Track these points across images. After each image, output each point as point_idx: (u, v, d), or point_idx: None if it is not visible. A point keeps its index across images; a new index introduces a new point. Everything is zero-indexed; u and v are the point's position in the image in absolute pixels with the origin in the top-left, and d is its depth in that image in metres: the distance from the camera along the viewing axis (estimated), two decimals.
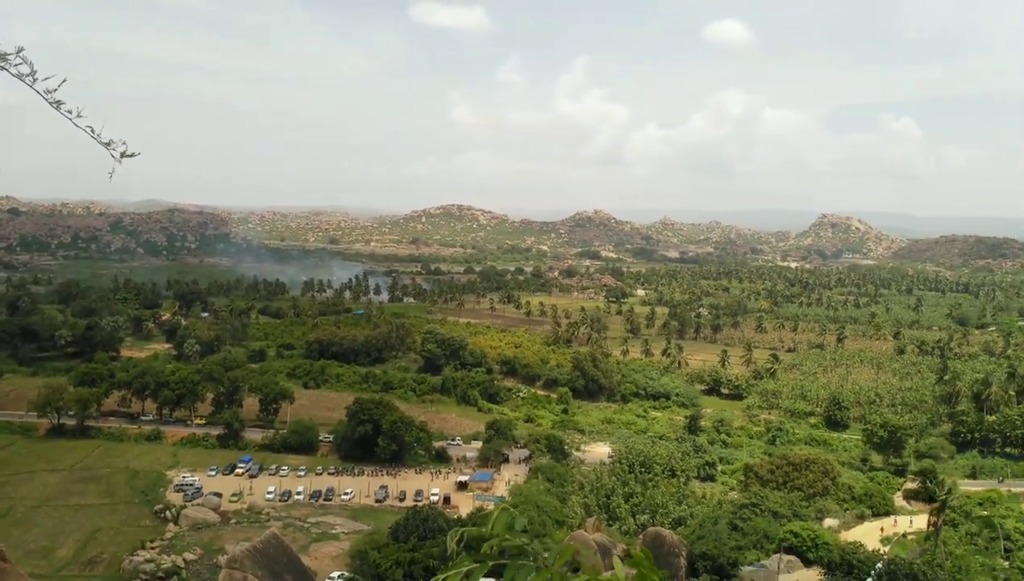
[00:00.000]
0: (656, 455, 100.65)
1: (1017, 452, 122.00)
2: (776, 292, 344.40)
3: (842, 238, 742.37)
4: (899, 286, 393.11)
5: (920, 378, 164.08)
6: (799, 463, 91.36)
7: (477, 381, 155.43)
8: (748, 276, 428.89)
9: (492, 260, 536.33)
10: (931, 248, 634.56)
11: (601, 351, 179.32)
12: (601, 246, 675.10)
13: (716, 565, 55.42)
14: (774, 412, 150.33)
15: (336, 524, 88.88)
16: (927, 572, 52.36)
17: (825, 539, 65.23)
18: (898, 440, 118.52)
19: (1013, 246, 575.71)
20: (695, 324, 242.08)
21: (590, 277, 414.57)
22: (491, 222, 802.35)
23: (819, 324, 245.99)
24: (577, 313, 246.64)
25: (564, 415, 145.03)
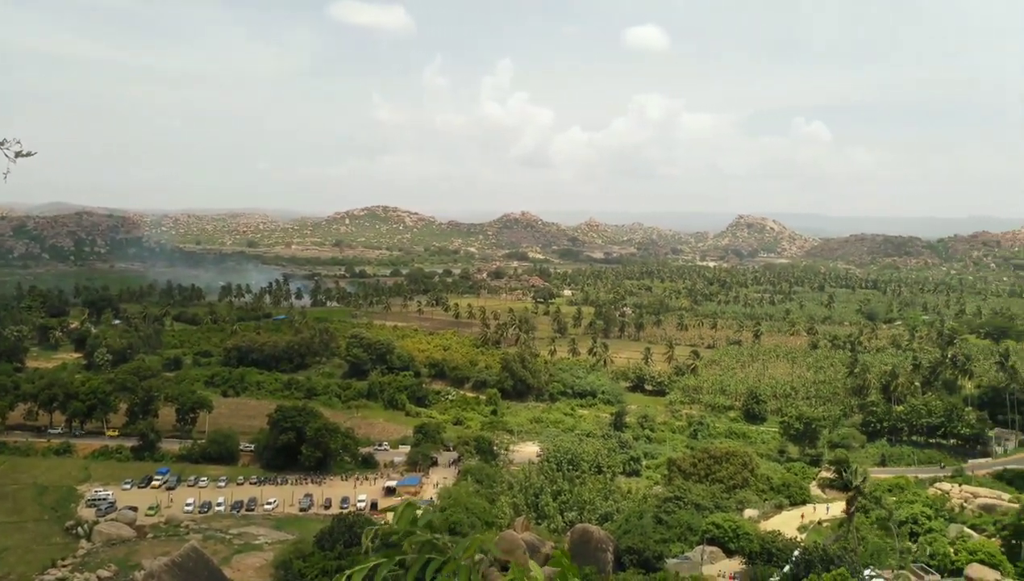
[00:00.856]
0: (583, 452, 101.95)
1: (922, 440, 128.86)
2: (696, 291, 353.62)
3: (758, 238, 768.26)
4: (812, 284, 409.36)
5: (832, 371, 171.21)
6: (720, 456, 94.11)
7: (405, 385, 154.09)
8: (669, 276, 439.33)
9: (419, 262, 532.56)
10: (841, 247, 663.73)
11: (529, 351, 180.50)
12: (528, 247, 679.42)
13: (642, 559, 56.48)
14: (695, 407, 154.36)
15: (259, 534, 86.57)
16: (842, 557, 54.60)
17: (746, 529, 67.35)
18: (813, 431, 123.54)
19: (917, 245, 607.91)
20: (620, 323, 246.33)
21: (518, 278, 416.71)
22: (417, 224, 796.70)
23: (737, 321, 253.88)
24: (506, 314, 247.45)
25: (493, 416, 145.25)
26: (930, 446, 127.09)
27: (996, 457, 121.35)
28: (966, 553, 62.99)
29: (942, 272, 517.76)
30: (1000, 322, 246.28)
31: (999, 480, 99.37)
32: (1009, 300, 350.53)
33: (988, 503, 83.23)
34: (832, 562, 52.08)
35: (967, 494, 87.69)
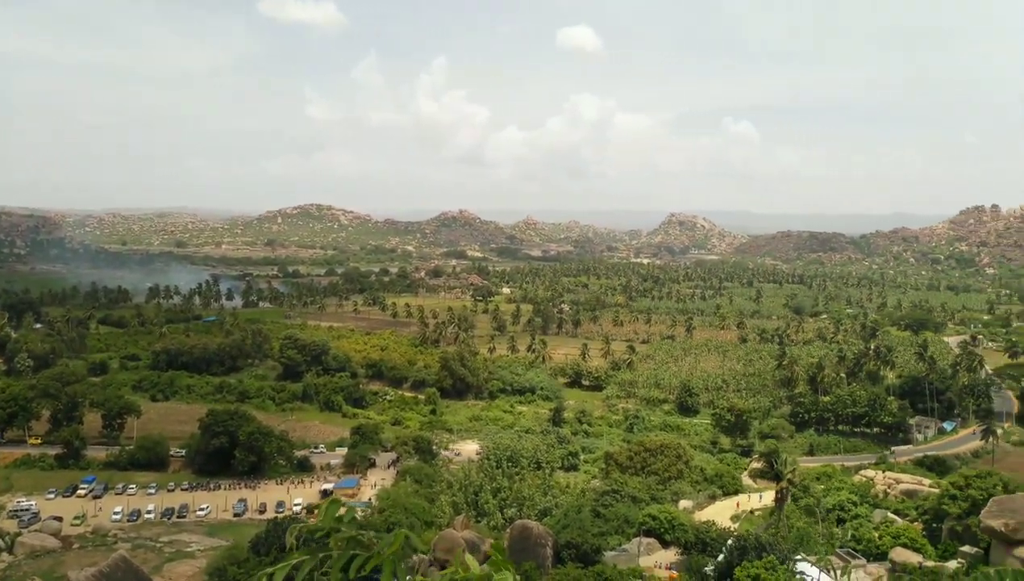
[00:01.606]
0: (522, 449, 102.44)
1: (848, 429, 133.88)
2: (631, 287, 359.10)
3: (689, 235, 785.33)
4: (741, 279, 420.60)
5: (762, 364, 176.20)
6: (655, 448, 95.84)
7: (341, 386, 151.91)
8: (605, 273, 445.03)
9: (355, 261, 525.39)
10: (769, 243, 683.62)
11: (469, 350, 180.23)
12: (467, 246, 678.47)
13: (580, 552, 57.06)
14: (631, 401, 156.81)
15: (191, 542, 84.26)
16: (772, 544, 56.21)
17: (681, 520, 68.76)
18: (744, 423, 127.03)
19: (841, 240, 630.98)
20: (558, 320, 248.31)
21: (457, 277, 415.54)
22: (353, 222, 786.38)
23: (670, 316, 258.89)
24: (444, 313, 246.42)
25: (432, 416, 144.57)
26: (855, 435, 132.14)
27: (917, 444, 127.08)
28: (890, 537, 65.72)
29: (865, 267, 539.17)
30: (919, 315, 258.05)
31: (920, 466, 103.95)
32: (927, 293, 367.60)
33: (910, 489, 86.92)
34: (764, 549, 53.57)
35: (890, 480, 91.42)
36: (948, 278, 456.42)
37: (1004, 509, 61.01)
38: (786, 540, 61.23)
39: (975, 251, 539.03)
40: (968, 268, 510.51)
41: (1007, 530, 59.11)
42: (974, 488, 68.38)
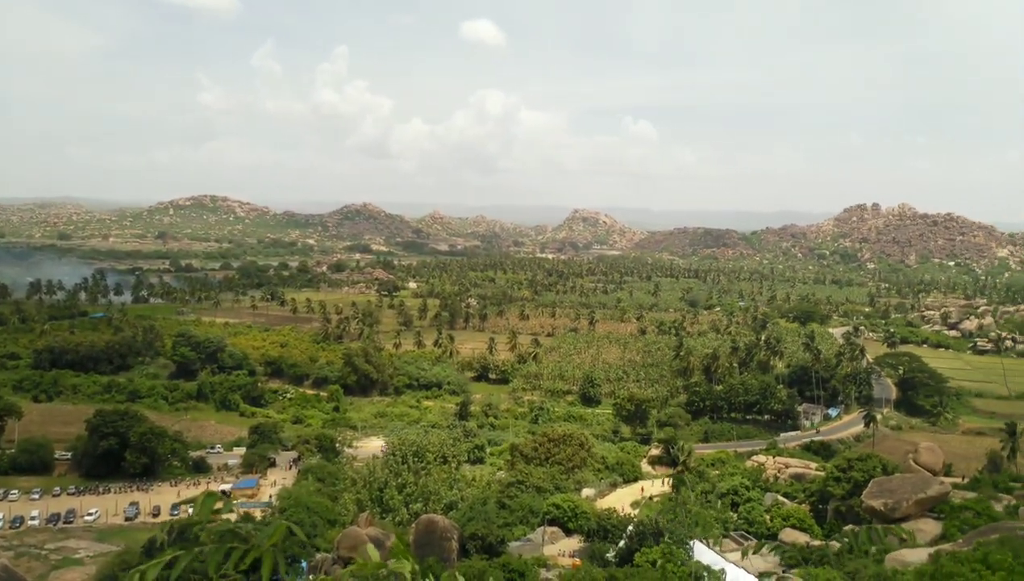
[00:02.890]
0: (429, 444, 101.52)
1: (740, 417, 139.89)
2: (536, 282, 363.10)
3: (592, 231, 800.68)
4: (640, 274, 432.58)
5: (660, 355, 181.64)
6: (558, 439, 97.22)
7: (238, 384, 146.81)
8: (512, 267, 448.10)
9: (252, 255, 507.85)
10: (666, 239, 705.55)
11: (373, 345, 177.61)
12: (371, 239, 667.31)
13: (486, 544, 57.16)
14: (536, 393, 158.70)
15: (80, 548, 79.75)
16: (670, 529, 57.97)
17: (583, 508, 69.99)
18: (643, 412, 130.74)
19: (733, 236, 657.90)
20: (465, 314, 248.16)
21: (361, 271, 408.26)
22: (250, 214, 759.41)
23: (574, 310, 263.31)
24: (348, 308, 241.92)
25: (336, 413, 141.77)
26: (747, 422, 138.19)
27: (804, 430, 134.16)
28: (780, 519, 69.02)
29: (755, 262, 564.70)
30: (806, 307, 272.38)
31: (807, 451, 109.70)
32: (814, 287, 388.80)
33: (798, 472, 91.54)
34: (662, 534, 55.19)
35: (780, 465, 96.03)
36: (833, 272, 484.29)
37: (883, 490, 65.24)
38: (683, 524, 63.34)
39: (858, 247, 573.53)
40: (851, 263, 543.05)
41: (886, 509, 63.23)
42: (856, 471, 72.71)
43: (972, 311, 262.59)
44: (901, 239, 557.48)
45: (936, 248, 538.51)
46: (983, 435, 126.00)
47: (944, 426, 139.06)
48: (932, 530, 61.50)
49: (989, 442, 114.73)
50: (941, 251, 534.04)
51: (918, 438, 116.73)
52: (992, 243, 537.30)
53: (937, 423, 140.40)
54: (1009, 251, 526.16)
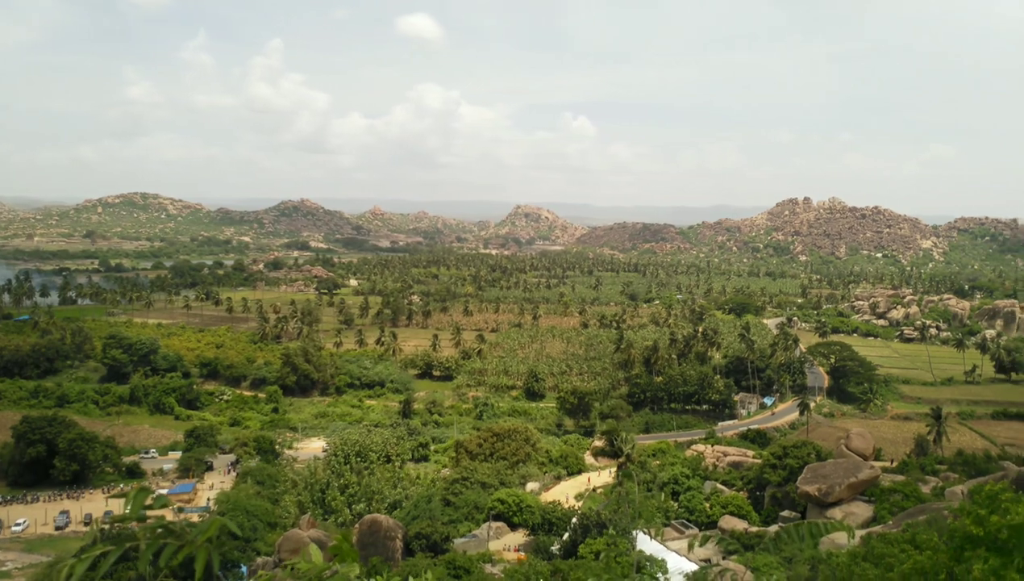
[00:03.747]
0: (372, 443, 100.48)
1: (680, 407, 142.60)
2: (480, 277, 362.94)
3: (534, 227, 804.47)
4: (582, 268, 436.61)
5: (602, 348, 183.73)
6: (503, 434, 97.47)
7: (173, 387, 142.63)
8: (455, 263, 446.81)
9: (185, 254, 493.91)
10: (607, 234, 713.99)
11: (313, 345, 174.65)
12: (310, 236, 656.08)
13: (431, 542, 56.93)
14: (481, 389, 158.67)
15: (7, 560, 76.54)
16: (613, 520, 58.72)
17: (528, 502, 70.32)
18: (586, 404, 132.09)
19: (671, 231, 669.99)
20: (407, 311, 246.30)
21: (299, 269, 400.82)
22: (183, 212, 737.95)
23: (518, 305, 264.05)
24: (286, 307, 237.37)
25: (275, 414, 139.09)
26: (687, 412, 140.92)
27: (741, 419, 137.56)
28: (719, 507, 70.61)
29: (692, 256, 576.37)
30: (741, 299, 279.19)
31: (744, 439, 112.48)
32: (748, 279, 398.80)
33: (736, 460, 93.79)
34: (605, 525, 55.86)
35: (719, 453, 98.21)
36: (766, 265, 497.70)
37: (817, 475, 67.36)
38: (626, 515, 64.25)
39: (790, 240, 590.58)
40: (784, 255, 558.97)
41: (820, 494, 65.34)
42: (791, 457, 74.90)
43: (899, 301, 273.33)
44: (831, 232, 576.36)
45: (864, 240, 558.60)
46: (910, 420, 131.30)
47: (874, 412, 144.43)
48: (864, 513, 63.84)
49: (916, 427, 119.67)
50: (869, 243, 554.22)
51: (849, 424, 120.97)
52: (917, 235, 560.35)
53: (867, 409, 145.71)
54: (933, 242, 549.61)
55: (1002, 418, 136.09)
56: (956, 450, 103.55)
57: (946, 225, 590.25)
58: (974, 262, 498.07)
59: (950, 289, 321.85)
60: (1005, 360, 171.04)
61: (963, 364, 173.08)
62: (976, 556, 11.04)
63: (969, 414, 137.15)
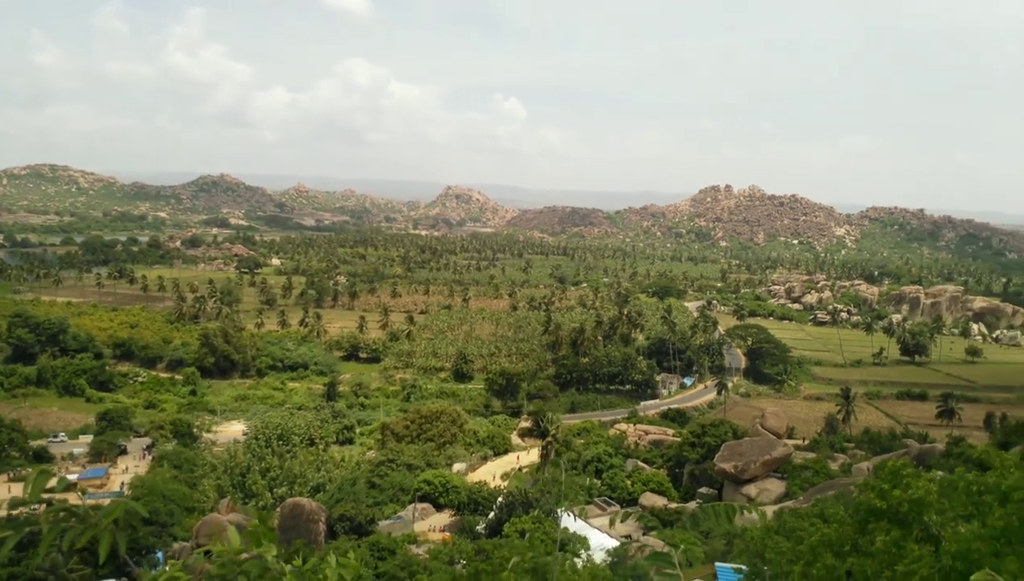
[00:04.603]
0: (294, 426, 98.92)
1: (604, 387, 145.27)
2: (409, 258, 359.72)
3: (465, 208, 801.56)
4: (512, 251, 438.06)
5: (530, 330, 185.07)
6: (430, 415, 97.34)
7: (83, 368, 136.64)
8: (383, 243, 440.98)
9: (97, 229, 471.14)
10: (537, 217, 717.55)
11: (233, 325, 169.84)
12: (230, 213, 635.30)
13: (355, 525, 56.54)
14: (409, 371, 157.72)
15: None
16: (539, 498, 59.54)
17: (455, 483, 70.57)
18: (514, 385, 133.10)
19: (599, 216, 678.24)
20: (333, 292, 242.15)
21: (219, 247, 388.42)
22: (95, 185, 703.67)
23: (448, 287, 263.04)
24: (205, 286, 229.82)
25: (192, 397, 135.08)
26: (611, 392, 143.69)
27: (663, 399, 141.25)
28: (640, 484, 72.44)
29: (619, 240, 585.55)
30: (664, 283, 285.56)
31: (665, 418, 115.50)
32: (671, 264, 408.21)
33: (657, 439, 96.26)
34: (530, 504, 56.61)
35: (640, 432, 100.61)
36: (689, 250, 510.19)
37: (733, 453, 69.86)
38: (551, 493, 65.24)
39: (711, 226, 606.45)
40: (705, 241, 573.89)
41: (736, 471, 67.80)
42: (709, 436, 77.41)
43: (813, 286, 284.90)
44: (751, 219, 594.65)
45: (782, 227, 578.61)
46: (821, 400, 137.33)
47: (787, 392, 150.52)
48: (777, 489, 66.62)
49: (827, 406, 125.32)
50: (786, 230, 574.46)
51: (765, 404, 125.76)
52: (831, 223, 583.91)
53: (781, 390, 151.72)
54: (846, 230, 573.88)
55: (906, 398, 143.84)
56: (863, 429, 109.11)
57: (858, 214, 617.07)
58: (883, 250, 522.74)
59: (861, 275, 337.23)
60: (909, 343, 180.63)
61: (871, 347, 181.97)
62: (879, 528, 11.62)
63: (876, 394, 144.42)
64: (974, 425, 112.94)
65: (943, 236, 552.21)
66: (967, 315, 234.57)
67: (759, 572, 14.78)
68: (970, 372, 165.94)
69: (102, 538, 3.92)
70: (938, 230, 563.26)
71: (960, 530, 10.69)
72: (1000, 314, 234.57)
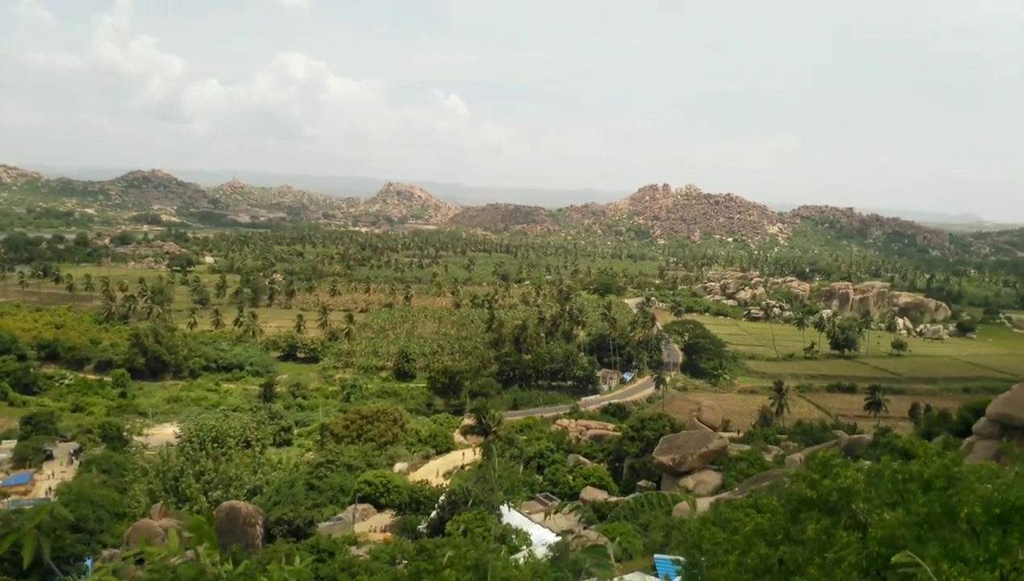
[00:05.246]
0: (229, 428, 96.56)
1: (546, 384, 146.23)
2: (349, 256, 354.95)
3: (407, 205, 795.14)
4: (455, 248, 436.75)
5: (473, 328, 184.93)
6: (371, 415, 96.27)
7: (6, 370, 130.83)
8: (322, 241, 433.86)
9: (20, 226, 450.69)
10: (479, 215, 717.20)
11: (165, 325, 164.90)
12: (161, 209, 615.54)
13: (293, 527, 55.49)
14: (349, 370, 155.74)
15: None
16: (481, 495, 59.49)
17: (396, 483, 69.96)
18: (456, 383, 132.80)
19: (541, 213, 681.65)
20: (270, 291, 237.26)
21: (149, 244, 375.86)
22: (18, 181, 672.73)
23: (389, 285, 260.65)
24: (135, 285, 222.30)
25: (122, 399, 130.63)
26: (553, 388, 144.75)
27: (603, 394, 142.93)
28: (582, 478, 73.04)
29: (561, 237, 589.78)
30: (605, 280, 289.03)
31: (606, 413, 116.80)
32: (612, 261, 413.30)
33: (598, 433, 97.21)
34: (473, 501, 56.53)
35: (582, 427, 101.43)
36: (628, 248, 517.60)
37: (671, 446, 71.10)
38: (493, 490, 65.27)
39: (650, 224, 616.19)
40: (644, 239, 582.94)
41: (674, 464, 69.03)
42: (648, 430, 78.60)
43: (747, 282, 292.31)
44: (688, 217, 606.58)
45: (717, 225, 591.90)
46: (755, 393, 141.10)
47: (723, 386, 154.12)
48: (713, 480, 68.09)
49: (760, 399, 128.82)
50: (722, 228, 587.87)
51: (701, 398, 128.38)
52: (765, 221, 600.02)
53: (717, 383, 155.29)
54: (778, 228, 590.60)
55: (836, 391, 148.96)
56: (796, 421, 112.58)
57: (791, 212, 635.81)
58: (815, 247, 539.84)
59: (793, 272, 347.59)
60: (839, 337, 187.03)
61: (803, 341, 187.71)
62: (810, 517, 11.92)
63: (807, 387, 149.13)
64: (900, 416, 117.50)
65: (871, 234, 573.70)
66: (893, 310, 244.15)
67: (696, 563, 15.04)
68: (896, 365, 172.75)
69: (25, 543, 3.68)
70: (866, 228, 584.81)
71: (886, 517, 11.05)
72: (924, 309, 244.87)
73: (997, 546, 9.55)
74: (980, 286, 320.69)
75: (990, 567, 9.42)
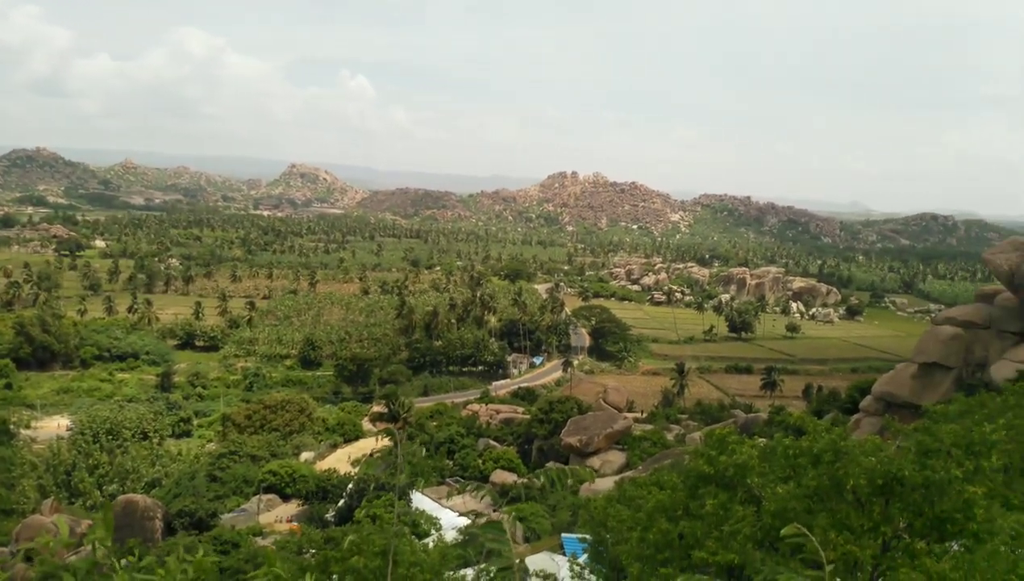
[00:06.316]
0: (124, 419, 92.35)
1: (457, 370, 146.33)
2: (250, 240, 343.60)
3: (312, 188, 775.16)
4: (363, 233, 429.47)
5: (383, 314, 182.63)
6: (275, 405, 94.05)
7: None
8: (221, 224, 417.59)
9: None
10: (389, 199, 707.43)
11: (52, 313, 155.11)
12: (47, 190, 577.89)
13: (195, 519, 53.73)
14: (251, 359, 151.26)
15: None
16: (390, 482, 59.13)
17: (302, 472, 68.71)
18: (365, 371, 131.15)
19: (452, 199, 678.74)
20: (165, 276, 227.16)
21: (35, 227, 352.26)
22: None
23: (293, 270, 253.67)
24: (19, 270, 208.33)
25: (7, 391, 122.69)
26: (464, 374, 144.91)
27: (514, 378, 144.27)
28: (491, 462, 73.67)
29: (472, 223, 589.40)
30: (515, 266, 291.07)
31: (516, 397, 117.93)
32: (522, 247, 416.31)
33: (507, 417, 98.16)
34: (382, 488, 56.16)
35: (492, 411, 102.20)
36: (538, 234, 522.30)
37: (579, 428, 72.68)
38: (403, 476, 64.98)
39: (559, 211, 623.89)
40: (553, 225, 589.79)
41: (581, 445, 70.61)
42: (556, 412, 79.99)
43: (650, 268, 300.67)
44: (595, 204, 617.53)
45: (623, 213, 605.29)
46: (658, 375, 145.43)
47: (628, 368, 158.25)
48: (618, 460, 70.08)
49: (663, 381, 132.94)
50: (627, 216, 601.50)
51: (607, 380, 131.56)
52: (668, 209, 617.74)
53: (622, 366, 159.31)
54: (680, 216, 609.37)
55: (733, 371, 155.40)
56: (696, 401, 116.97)
57: (692, 201, 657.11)
58: (714, 234, 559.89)
59: (693, 258, 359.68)
60: (736, 321, 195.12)
61: (703, 324, 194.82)
62: (708, 492, 12.46)
63: (707, 368, 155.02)
64: (794, 395, 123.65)
65: (767, 221, 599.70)
66: (787, 294, 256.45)
67: (602, 540, 15.48)
68: (790, 347, 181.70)
69: None
70: (763, 216, 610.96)
71: (778, 490, 11.68)
72: (816, 293, 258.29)
73: (880, 515, 10.27)
74: (867, 272, 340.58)
75: (874, 535, 10.13)
